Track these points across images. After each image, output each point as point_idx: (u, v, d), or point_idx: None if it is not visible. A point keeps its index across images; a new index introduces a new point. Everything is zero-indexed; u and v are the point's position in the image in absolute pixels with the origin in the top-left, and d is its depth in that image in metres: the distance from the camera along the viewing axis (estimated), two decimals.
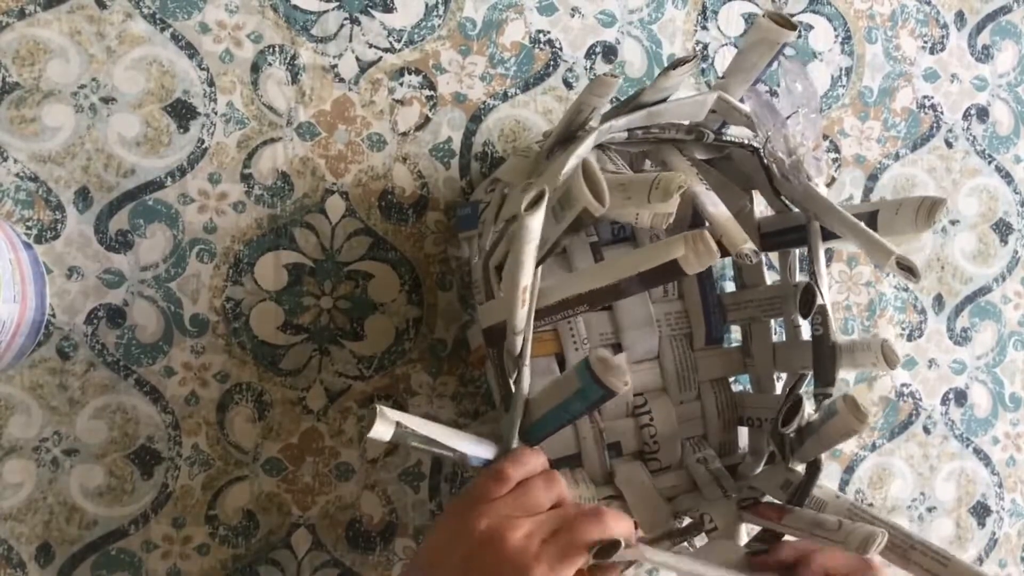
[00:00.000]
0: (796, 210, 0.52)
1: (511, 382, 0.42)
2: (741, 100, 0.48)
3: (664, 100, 0.46)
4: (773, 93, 0.61)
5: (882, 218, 0.46)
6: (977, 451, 0.67)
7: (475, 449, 0.43)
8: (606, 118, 0.45)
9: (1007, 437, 0.68)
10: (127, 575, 0.52)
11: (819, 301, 0.47)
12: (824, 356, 0.48)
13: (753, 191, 0.55)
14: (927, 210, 0.44)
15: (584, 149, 0.43)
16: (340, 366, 0.56)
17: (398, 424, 0.39)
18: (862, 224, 0.45)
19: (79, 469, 0.52)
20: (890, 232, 0.45)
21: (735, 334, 0.60)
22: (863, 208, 0.47)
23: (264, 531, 0.55)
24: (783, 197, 0.52)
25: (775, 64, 0.47)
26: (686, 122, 0.50)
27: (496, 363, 0.43)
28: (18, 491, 0.51)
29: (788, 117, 0.47)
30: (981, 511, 0.67)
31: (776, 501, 0.48)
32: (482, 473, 0.43)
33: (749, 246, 0.37)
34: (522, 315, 0.39)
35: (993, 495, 0.67)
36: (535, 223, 0.36)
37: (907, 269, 0.42)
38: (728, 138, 0.51)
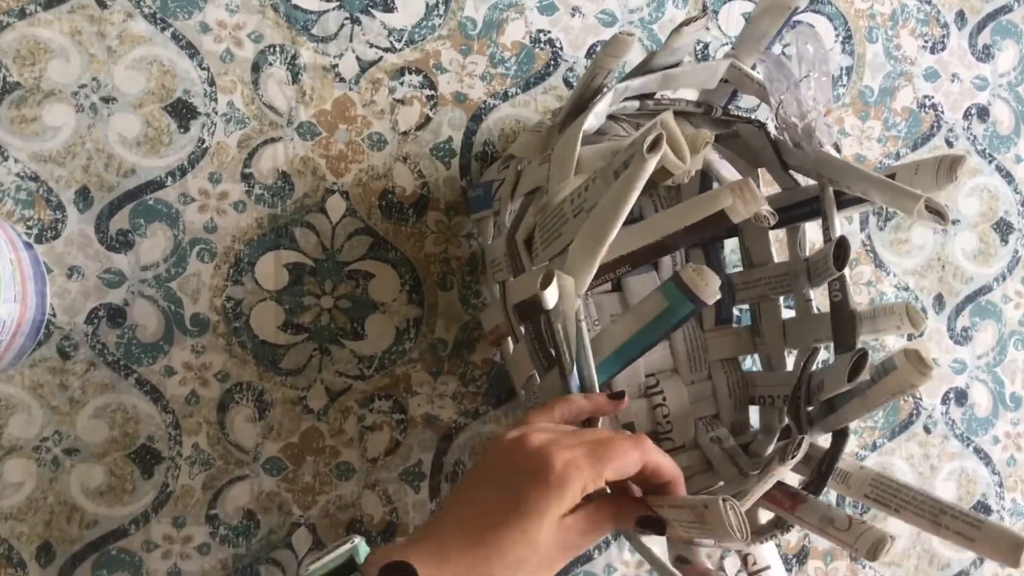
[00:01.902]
0: (804, 184, 0.52)
1: (559, 338, 0.40)
2: (752, 67, 0.48)
3: (677, 64, 0.46)
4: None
5: (900, 180, 0.45)
6: (977, 451, 0.67)
7: (576, 373, 0.41)
8: (620, 82, 0.45)
9: (1007, 437, 0.68)
10: (127, 575, 0.53)
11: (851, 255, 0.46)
12: (844, 322, 0.47)
13: (759, 170, 0.54)
14: (948, 167, 0.43)
15: (602, 106, 0.42)
16: (340, 366, 0.56)
17: (561, 298, 0.37)
18: (883, 176, 0.44)
19: (79, 468, 0.52)
20: None
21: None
22: (878, 175, 0.47)
23: (265, 531, 0.55)
24: (791, 172, 0.51)
25: (783, 35, 0.46)
26: (695, 96, 0.49)
27: (533, 335, 0.42)
28: (18, 490, 0.51)
29: (800, 80, 0.46)
30: (981, 511, 0.67)
31: (791, 479, 0.48)
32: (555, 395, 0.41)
33: (766, 208, 0.37)
34: (594, 269, 0.37)
35: (994, 495, 0.67)
36: (653, 166, 0.35)
37: (936, 212, 0.41)
38: (736, 113, 0.50)
